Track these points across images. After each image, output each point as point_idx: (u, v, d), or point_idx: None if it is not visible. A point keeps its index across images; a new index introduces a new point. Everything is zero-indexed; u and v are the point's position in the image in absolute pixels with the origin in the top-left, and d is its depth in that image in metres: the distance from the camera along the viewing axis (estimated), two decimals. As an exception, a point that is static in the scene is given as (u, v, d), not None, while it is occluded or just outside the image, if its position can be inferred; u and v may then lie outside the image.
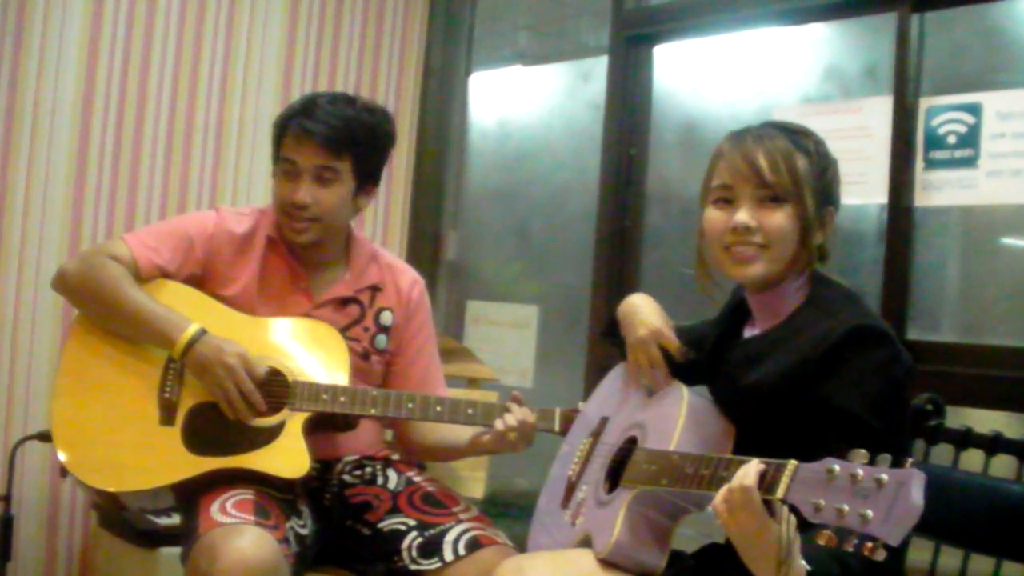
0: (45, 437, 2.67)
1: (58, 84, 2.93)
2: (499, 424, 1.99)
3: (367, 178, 2.17)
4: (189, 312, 2.03)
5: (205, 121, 3.19)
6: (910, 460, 1.20)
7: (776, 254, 1.62)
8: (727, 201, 1.65)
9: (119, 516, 2.67)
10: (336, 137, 2.08)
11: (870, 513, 1.18)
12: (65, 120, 2.94)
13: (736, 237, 1.63)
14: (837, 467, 1.24)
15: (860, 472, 1.21)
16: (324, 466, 2.13)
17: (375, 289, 2.23)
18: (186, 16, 3.14)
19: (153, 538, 2.56)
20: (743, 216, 1.62)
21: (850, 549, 1.19)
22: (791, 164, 1.61)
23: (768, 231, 1.61)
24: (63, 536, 2.97)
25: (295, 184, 2.09)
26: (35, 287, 2.89)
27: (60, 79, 2.93)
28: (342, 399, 2.02)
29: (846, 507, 1.20)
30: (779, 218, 1.61)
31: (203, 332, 1.98)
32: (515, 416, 1.99)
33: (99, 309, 2.05)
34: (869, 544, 1.18)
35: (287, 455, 1.97)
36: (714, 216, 1.67)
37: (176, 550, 1.98)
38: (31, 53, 2.88)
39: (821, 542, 1.22)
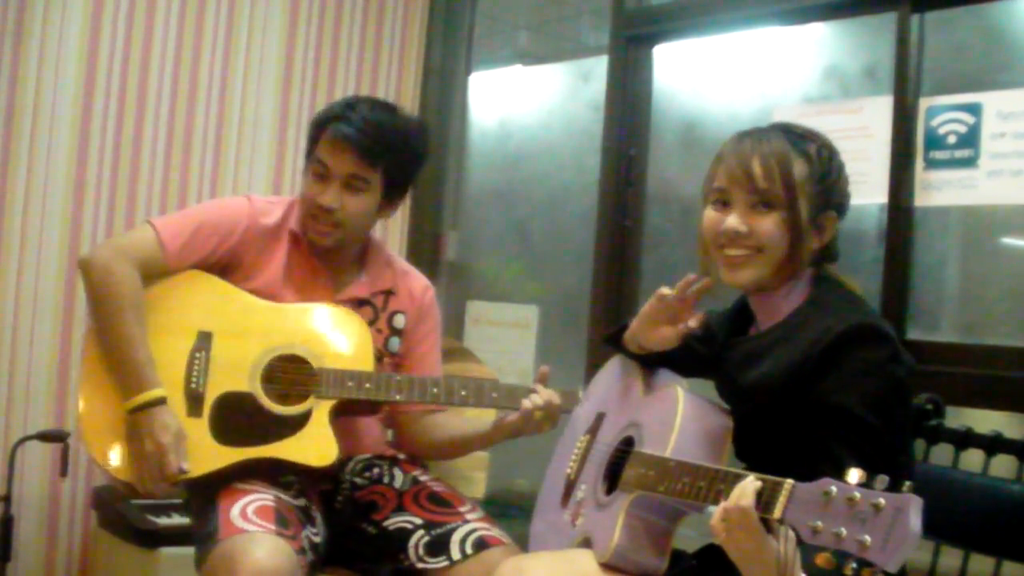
0: (45, 437, 2.68)
1: (58, 84, 2.93)
2: (527, 403, 1.97)
3: (395, 190, 2.16)
4: (216, 302, 2.03)
5: (205, 121, 3.19)
6: (908, 484, 1.19)
7: (766, 259, 1.63)
8: (724, 203, 1.66)
9: (119, 516, 2.67)
10: (371, 147, 2.06)
11: (868, 539, 1.16)
12: (65, 120, 2.94)
13: (728, 240, 1.65)
14: (834, 489, 1.22)
15: (857, 495, 1.20)
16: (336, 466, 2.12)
17: (388, 293, 2.23)
18: (186, 16, 3.14)
19: (153, 538, 2.55)
20: (733, 221, 1.63)
21: (848, 574, 1.18)
22: (786, 170, 1.61)
23: (759, 236, 1.62)
24: (63, 536, 2.97)
25: (324, 187, 2.07)
26: (35, 287, 2.89)
27: (60, 79, 2.93)
28: (367, 385, 2.01)
29: (844, 531, 1.19)
30: (768, 224, 1.62)
31: (162, 401, 1.95)
32: (542, 396, 1.99)
33: (97, 316, 2.03)
34: (867, 570, 1.17)
35: (315, 443, 1.97)
36: (710, 216, 1.69)
37: (176, 550, 1.98)
38: (31, 53, 2.88)
39: (819, 563, 1.21)
